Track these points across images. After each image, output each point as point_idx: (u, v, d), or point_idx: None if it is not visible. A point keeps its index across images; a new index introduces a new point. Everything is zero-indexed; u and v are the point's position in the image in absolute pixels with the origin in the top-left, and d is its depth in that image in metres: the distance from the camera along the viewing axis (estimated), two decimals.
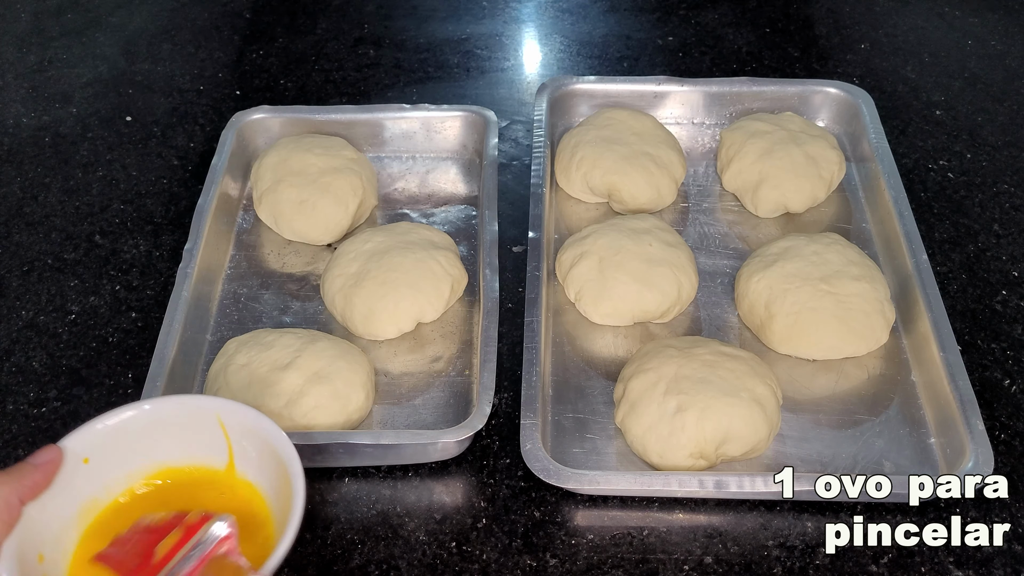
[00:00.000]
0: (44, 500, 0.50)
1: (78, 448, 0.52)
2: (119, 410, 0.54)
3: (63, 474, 0.51)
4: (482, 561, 0.62)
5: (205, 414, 0.55)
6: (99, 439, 0.53)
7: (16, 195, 0.91)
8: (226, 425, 0.54)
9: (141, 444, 0.55)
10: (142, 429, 0.54)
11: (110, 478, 0.54)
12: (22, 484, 0.48)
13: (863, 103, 0.89)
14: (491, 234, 0.77)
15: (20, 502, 0.48)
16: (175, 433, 0.55)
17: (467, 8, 1.16)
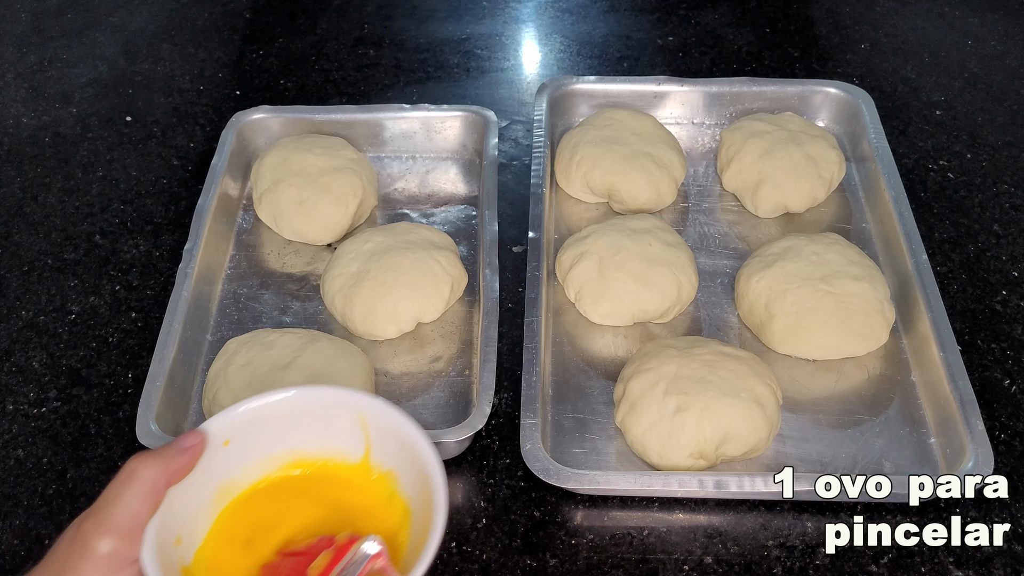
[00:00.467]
0: (186, 482, 0.49)
1: (219, 431, 0.52)
2: (262, 395, 0.54)
3: (204, 455, 0.51)
4: (482, 561, 0.62)
5: (346, 408, 0.54)
6: (240, 423, 0.53)
7: (16, 195, 0.91)
8: (367, 422, 0.54)
9: (280, 430, 0.54)
10: (282, 416, 0.54)
11: (248, 462, 0.54)
12: (168, 468, 0.47)
13: (863, 103, 0.89)
14: (491, 234, 0.77)
15: (165, 485, 0.47)
16: (313, 424, 0.54)
17: (467, 8, 1.16)
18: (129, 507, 0.45)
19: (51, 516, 0.65)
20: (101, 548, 0.44)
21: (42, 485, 0.67)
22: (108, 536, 0.44)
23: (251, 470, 0.54)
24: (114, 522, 0.44)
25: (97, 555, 0.44)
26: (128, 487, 0.46)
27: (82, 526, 0.45)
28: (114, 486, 0.46)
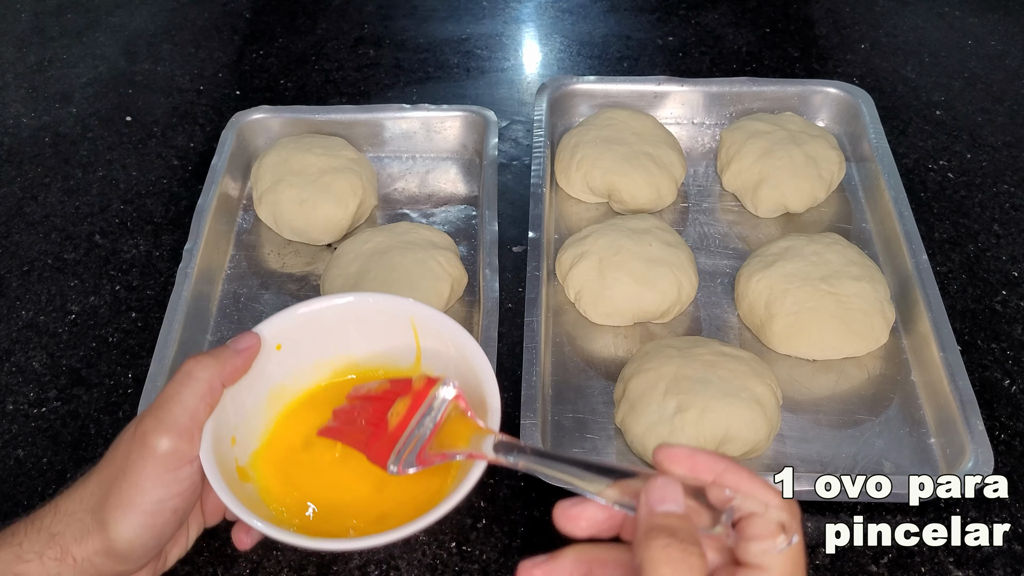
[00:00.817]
0: (240, 384, 0.50)
1: (273, 335, 0.52)
2: (314, 300, 0.54)
3: (258, 359, 0.51)
4: (482, 561, 0.62)
5: (398, 314, 0.54)
6: (293, 327, 0.53)
7: (16, 195, 0.91)
8: (417, 327, 0.54)
9: (332, 336, 0.54)
10: (335, 322, 0.54)
11: (300, 367, 0.54)
12: (224, 368, 0.48)
13: (863, 103, 0.89)
14: (491, 234, 0.77)
15: (222, 386, 0.48)
16: (366, 331, 0.54)
17: (467, 8, 1.16)
18: (187, 406, 0.46)
19: None
20: (161, 446, 0.44)
21: (42, 485, 0.67)
22: (168, 435, 0.45)
23: (303, 376, 0.54)
24: (173, 421, 0.45)
25: (157, 453, 0.44)
26: (186, 387, 0.46)
27: (141, 425, 0.46)
28: (172, 386, 0.46)
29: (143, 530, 0.45)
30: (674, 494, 0.37)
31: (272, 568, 0.62)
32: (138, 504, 0.45)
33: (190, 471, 0.46)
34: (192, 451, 0.46)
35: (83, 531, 0.45)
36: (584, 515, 0.40)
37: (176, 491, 0.45)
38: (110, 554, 0.45)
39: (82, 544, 0.45)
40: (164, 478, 0.45)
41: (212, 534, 0.63)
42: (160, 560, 0.50)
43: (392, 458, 0.48)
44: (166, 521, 0.46)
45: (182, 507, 0.46)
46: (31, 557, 0.45)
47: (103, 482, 0.46)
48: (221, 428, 0.48)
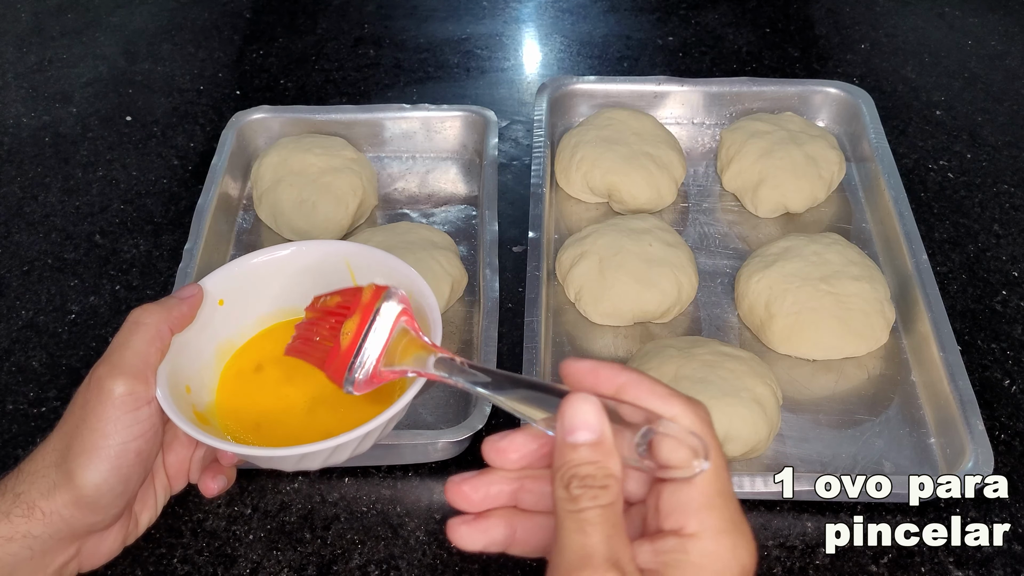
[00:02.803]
0: (187, 336, 0.51)
1: (214, 290, 0.54)
2: (250, 255, 0.56)
3: (201, 314, 0.52)
4: (482, 561, 0.62)
5: (334, 258, 0.56)
6: (233, 282, 0.55)
7: (16, 195, 0.91)
8: (352, 267, 0.56)
9: (271, 289, 0.56)
10: (272, 274, 0.56)
11: (243, 321, 0.56)
12: (170, 315, 0.49)
13: (863, 103, 0.89)
14: (491, 234, 0.77)
15: (169, 331, 0.49)
16: (304, 279, 0.56)
17: (467, 8, 1.16)
18: (138, 350, 0.47)
19: None
20: (117, 389, 0.46)
21: None
22: (122, 377, 0.46)
23: (246, 330, 0.56)
24: (126, 364, 0.47)
25: (114, 396, 0.46)
26: (135, 333, 0.48)
27: (95, 372, 0.47)
28: (121, 334, 0.48)
29: (109, 474, 0.46)
30: (588, 419, 0.35)
31: (272, 568, 0.62)
32: (101, 448, 0.45)
33: (148, 412, 0.47)
34: (148, 392, 0.47)
35: (49, 486, 0.46)
36: (512, 446, 0.40)
37: (137, 432, 0.46)
38: (79, 504, 0.46)
39: (49, 498, 0.46)
40: (124, 419, 0.46)
41: (212, 534, 0.63)
42: (131, 522, 0.51)
43: (346, 378, 0.48)
44: (130, 464, 0.46)
45: (145, 449, 0.47)
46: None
47: (64, 436, 0.47)
48: (174, 376, 0.50)
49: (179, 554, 0.63)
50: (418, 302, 0.53)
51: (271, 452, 0.47)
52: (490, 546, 0.40)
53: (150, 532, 0.64)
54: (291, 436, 0.51)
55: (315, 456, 0.48)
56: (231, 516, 0.65)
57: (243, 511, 0.65)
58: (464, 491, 0.40)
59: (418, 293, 0.53)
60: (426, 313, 0.52)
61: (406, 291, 0.51)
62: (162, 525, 0.64)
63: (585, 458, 0.35)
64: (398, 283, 0.53)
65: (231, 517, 0.65)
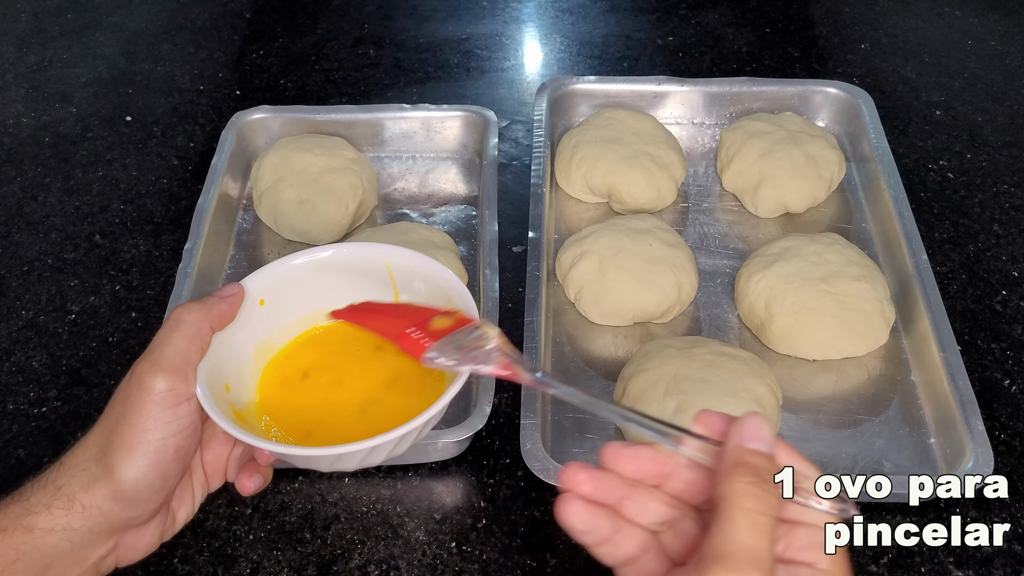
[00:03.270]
0: (227, 334, 0.52)
1: (255, 289, 0.54)
2: (292, 256, 0.56)
3: (241, 313, 0.53)
4: (482, 561, 0.62)
5: (373, 260, 0.57)
6: (274, 282, 0.55)
7: (16, 195, 0.91)
8: (392, 270, 0.56)
9: (312, 290, 0.57)
10: (314, 276, 0.56)
11: (283, 322, 0.56)
12: (210, 313, 0.50)
13: (863, 103, 0.89)
14: (491, 234, 0.77)
15: (210, 329, 0.50)
16: (344, 280, 0.57)
17: (467, 8, 1.16)
18: (179, 348, 0.48)
19: None
20: (157, 386, 0.46)
21: None
22: (162, 374, 0.47)
23: (286, 330, 0.56)
24: (167, 362, 0.47)
25: (154, 392, 0.46)
26: (176, 331, 0.48)
27: (136, 369, 0.48)
28: (162, 332, 0.49)
29: (147, 469, 0.46)
30: (763, 432, 0.39)
31: (272, 568, 0.62)
32: (141, 443, 0.46)
33: (188, 408, 0.47)
34: (188, 389, 0.47)
35: (89, 479, 0.46)
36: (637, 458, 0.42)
37: (176, 428, 0.47)
38: (117, 497, 0.46)
39: (89, 492, 0.46)
40: (163, 416, 0.46)
41: (212, 534, 0.63)
42: (168, 517, 0.51)
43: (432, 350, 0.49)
44: (169, 460, 0.47)
45: (184, 446, 0.48)
46: (39, 509, 0.46)
47: (104, 431, 0.47)
48: (214, 374, 0.50)
49: (179, 554, 0.63)
50: (457, 306, 0.53)
51: (307, 451, 0.48)
52: (592, 533, 0.41)
53: None
54: (342, 439, 0.50)
55: (351, 457, 0.48)
56: (231, 516, 0.65)
57: (243, 511, 0.65)
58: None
59: (457, 297, 0.53)
60: (464, 314, 0.52)
61: (446, 295, 0.53)
62: None
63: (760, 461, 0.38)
64: (437, 287, 0.54)
65: (231, 517, 0.65)
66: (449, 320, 0.51)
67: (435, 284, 0.55)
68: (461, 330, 0.50)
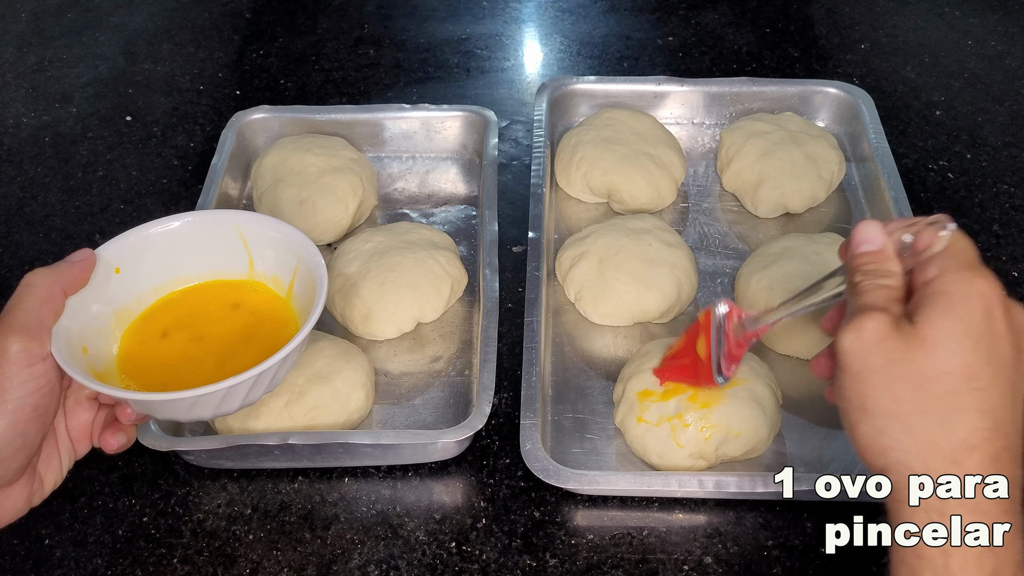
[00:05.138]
0: (83, 299, 0.54)
1: (111, 257, 0.57)
2: (145, 225, 0.59)
3: (97, 280, 0.55)
4: (482, 561, 0.62)
5: (226, 228, 0.60)
6: (128, 251, 0.58)
7: (16, 195, 0.91)
8: (245, 236, 0.59)
9: (167, 259, 0.59)
10: (168, 244, 0.59)
11: (139, 290, 0.59)
12: (62, 277, 0.52)
13: (863, 103, 0.89)
14: (491, 234, 0.77)
15: (63, 292, 0.52)
16: (198, 247, 0.59)
17: (467, 8, 1.16)
18: (30, 310, 0.50)
19: (51, 516, 0.65)
20: (12, 347, 0.48)
21: None
22: (15, 335, 0.49)
23: (143, 298, 0.59)
24: (19, 323, 0.49)
25: (9, 353, 0.48)
26: (28, 295, 0.51)
27: None
28: (14, 297, 0.51)
29: (6, 428, 0.48)
30: (873, 234, 0.46)
31: (272, 568, 0.62)
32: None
33: (44, 368, 0.49)
34: (43, 349, 0.49)
35: None
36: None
37: (33, 387, 0.49)
38: None
39: None
40: (20, 375, 0.48)
41: (212, 534, 0.63)
42: (36, 481, 0.53)
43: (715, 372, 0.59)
44: (28, 418, 0.49)
45: (42, 404, 0.49)
46: None
47: None
48: (71, 337, 0.52)
49: (179, 554, 0.63)
50: (307, 263, 0.57)
51: (163, 396, 0.50)
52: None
53: (150, 532, 0.64)
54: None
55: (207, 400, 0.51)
56: (231, 516, 0.65)
57: (243, 511, 0.65)
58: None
59: (307, 255, 0.58)
60: (313, 271, 0.57)
61: (296, 255, 0.58)
62: (162, 525, 0.64)
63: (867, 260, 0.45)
64: (289, 248, 0.58)
65: (231, 517, 0.65)
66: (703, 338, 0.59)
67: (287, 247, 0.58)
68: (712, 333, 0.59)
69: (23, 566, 0.63)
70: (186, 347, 0.57)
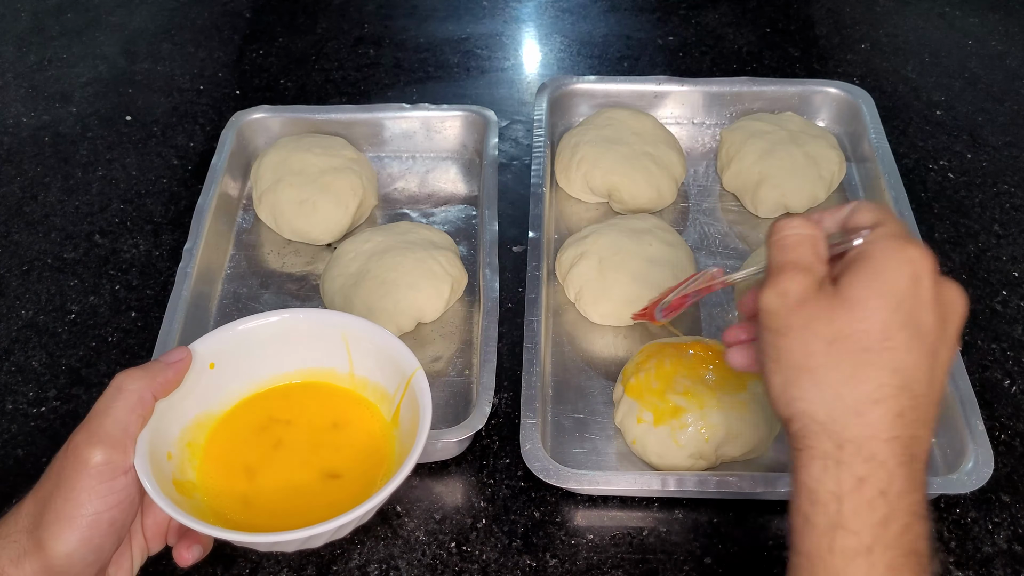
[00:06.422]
0: (172, 400, 0.50)
1: (206, 353, 0.53)
2: (248, 319, 0.55)
3: (189, 377, 0.51)
4: (482, 561, 0.62)
5: (330, 329, 0.55)
6: (227, 346, 0.54)
7: (16, 195, 0.91)
8: (349, 340, 0.55)
9: (265, 354, 0.55)
10: (267, 340, 0.55)
11: (233, 386, 0.55)
12: (154, 381, 0.48)
13: (863, 103, 0.89)
14: (491, 234, 0.77)
15: (153, 398, 0.48)
16: (297, 346, 0.55)
17: (467, 8, 1.16)
18: (118, 418, 0.46)
19: None
20: (94, 458, 0.45)
21: None
22: (100, 446, 0.45)
23: (235, 395, 0.55)
24: (105, 433, 0.45)
25: (90, 465, 0.45)
26: (117, 400, 0.47)
27: (74, 439, 0.46)
28: (103, 400, 0.47)
29: (80, 544, 0.44)
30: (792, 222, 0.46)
31: (272, 568, 0.62)
32: (74, 518, 0.44)
33: (125, 482, 0.46)
34: (125, 462, 0.46)
35: (19, 552, 0.45)
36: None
37: (112, 502, 0.45)
38: (48, 572, 0.44)
39: (19, 565, 0.44)
40: (99, 489, 0.45)
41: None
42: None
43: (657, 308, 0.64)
44: (103, 534, 0.45)
45: (119, 519, 0.46)
46: None
47: (38, 501, 0.46)
48: (156, 442, 0.48)
49: None
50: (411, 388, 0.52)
51: (244, 537, 0.46)
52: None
53: None
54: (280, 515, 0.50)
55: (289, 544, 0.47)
56: None
57: None
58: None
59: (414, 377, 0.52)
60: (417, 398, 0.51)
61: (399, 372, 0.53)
62: None
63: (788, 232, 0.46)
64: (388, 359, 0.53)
65: None
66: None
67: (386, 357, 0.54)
68: (686, 281, 0.63)
69: None
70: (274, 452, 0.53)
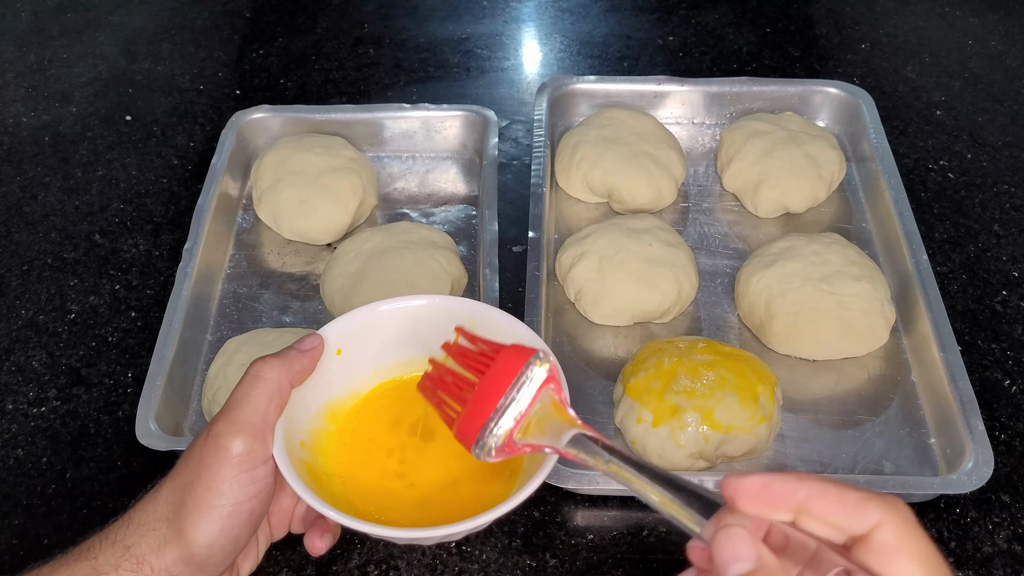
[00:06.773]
0: (304, 388, 0.50)
1: (335, 338, 0.52)
2: (374, 304, 0.54)
3: (319, 365, 0.51)
4: (482, 561, 0.62)
5: (457, 315, 0.54)
6: (353, 332, 0.53)
7: (16, 194, 0.91)
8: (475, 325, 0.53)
9: (391, 340, 0.55)
10: (393, 326, 0.54)
11: (359, 372, 0.54)
12: (291, 369, 0.48)
13: (863, 103, 0.89)
14: (491, 234, 0.77)
15: (289, 386, 0.48)
16: (422, 333, 0.54)
17: (467, 8, 1.16)
18: (258, 407, 0.46)
19: (50, 516, 0.65)
20: (235, 447, 0.44)
21: (41, 485, 0.67)
22: (241, 435, 0.45)
23: (361, 381, 0.55)
24: (245, 422, 0.45)
25: (232, 454, 0.44)
26: (255, 388, 0.46)
27: (213, 429, 0.46)
28: (240, 388, 0.47)
29: (220, 534, 0.44)
30: (743, 551, 0.34)
31: (272, 568, 0.62)
32: (215, 507, 0.44)
33: (264, 472, 0.46)
34: (265, 451, 0.46)
35: (159, 540, 0.45)
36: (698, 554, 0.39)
37: (252, 492, 0.45)
38: (188, 561, 0.45)
39: (159, 554, 0.44)
40: (240, 479, 0.45)
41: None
42: (233, 572, 0.50)
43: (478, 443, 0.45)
44: (242, 524, 0.45)
45: (258, 509, 0.46)
46: (107, 570, 0.44)
47: (177, 489, 0.45)
48: (291, 430, 0.48)
49: None
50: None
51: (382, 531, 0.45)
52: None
53: None
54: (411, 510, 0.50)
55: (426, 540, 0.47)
56: None
57: None
58: None
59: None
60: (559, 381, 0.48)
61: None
62: None
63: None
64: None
65: None
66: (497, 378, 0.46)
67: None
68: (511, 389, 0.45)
69: (22, 566, 0.63)
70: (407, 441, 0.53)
